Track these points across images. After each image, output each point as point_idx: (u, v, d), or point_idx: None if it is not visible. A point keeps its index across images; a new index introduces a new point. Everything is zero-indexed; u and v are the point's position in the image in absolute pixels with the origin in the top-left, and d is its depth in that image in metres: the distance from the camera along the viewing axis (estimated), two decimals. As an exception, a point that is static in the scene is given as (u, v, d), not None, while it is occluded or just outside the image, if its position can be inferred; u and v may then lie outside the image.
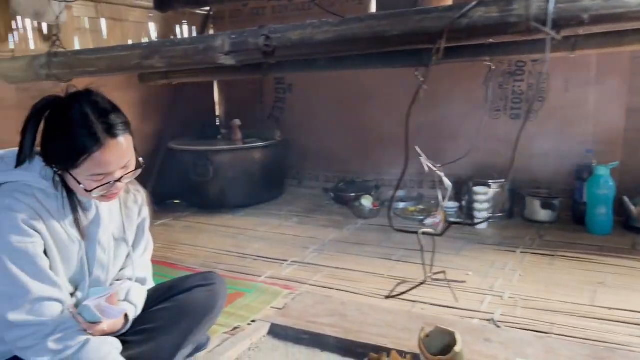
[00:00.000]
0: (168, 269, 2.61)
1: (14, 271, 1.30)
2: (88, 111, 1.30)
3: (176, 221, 3.57)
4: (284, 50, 1.61)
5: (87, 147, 1.29)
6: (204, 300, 1.64)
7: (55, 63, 2.20)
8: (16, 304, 1.31)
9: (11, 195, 1.33)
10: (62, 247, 1.40)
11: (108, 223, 1.50)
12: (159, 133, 3.94)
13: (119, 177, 1.36)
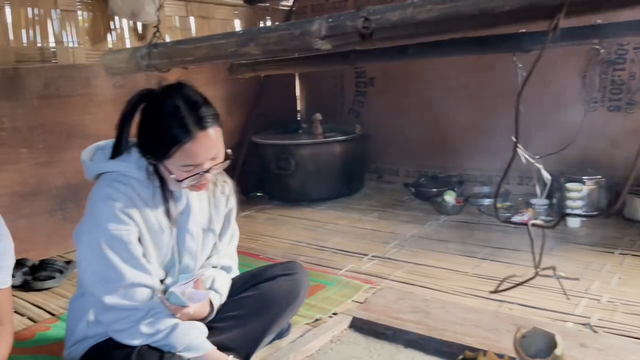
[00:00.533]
0: (251, 259, 2.67)
1: (109, 256, 1.37)
2: (180, 104, 1.34)
3: (259, 213, 3.65)
4: (383, 32, 1.54)
5: (179, 139, 1.33)
6: (287, 289, 1.66)
7: (155, 53, 2.29)
8: (111, 288, 1.38)
9: (110, 185, 1.40)
10: (154, 235, 1.46)
11: (197, 213, 1.55)
12: (243, 127, 4.04)
13: (207, 168, 1.39)
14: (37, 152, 2.79)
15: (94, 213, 1.39)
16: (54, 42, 2.94)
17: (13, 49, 2.77)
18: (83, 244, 1.41)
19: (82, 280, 1.48)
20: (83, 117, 2.95)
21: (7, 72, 2.67)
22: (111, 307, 1.38)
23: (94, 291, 1.40)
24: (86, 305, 1.50)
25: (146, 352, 1.38)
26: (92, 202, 1.41)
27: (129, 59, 2.42)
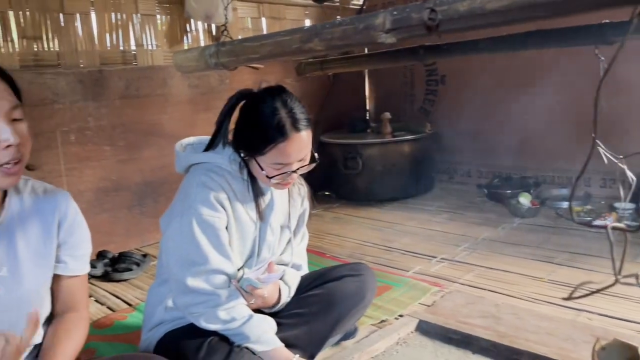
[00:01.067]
0: (317, 257, 2.69)
1: (199, 239, 1.43)
2: (279, 105, 1.42)
3: (326, 212, 3.67)
4: (450, 23, 1.48)
5: (275, 137, 1.40)
6: (353, 291, 1.65)
7: (223, 52, 2.35)
8: (195, 271, 1.44)
9: (206, 174, 1.48)
10: (240, 226, 1.52)
11: (279, 209, 1.60)
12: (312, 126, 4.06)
13: (295, 168, 1.46)
14: (119, 150, 2.94)
15: (189, 198, 1.46)
16: (134, 45, 3.09)
17: (98, 52, 2.94)
18: (173, 227, 1.47)
19: (164, 266, 1.54)
20: (160, 117, 3.08)
21: (93, 74, 2.83)
22: (192, 290, 1.44)
23: (177, 273, 1.46)
24: (164, 292, 1.56)
25: (217, 344, 1.43)
26: (187, 188, 1.48)
27: (199, 57, 2.50)
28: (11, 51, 2.63)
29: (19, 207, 1.21)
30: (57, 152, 2.71)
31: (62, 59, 2.80)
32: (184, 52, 2.70)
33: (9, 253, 1.17)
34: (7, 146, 1.05)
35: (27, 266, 1.20)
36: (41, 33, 2.73)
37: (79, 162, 2.79)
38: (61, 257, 1.27)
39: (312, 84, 3.98)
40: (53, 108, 2.67)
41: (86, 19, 2.89)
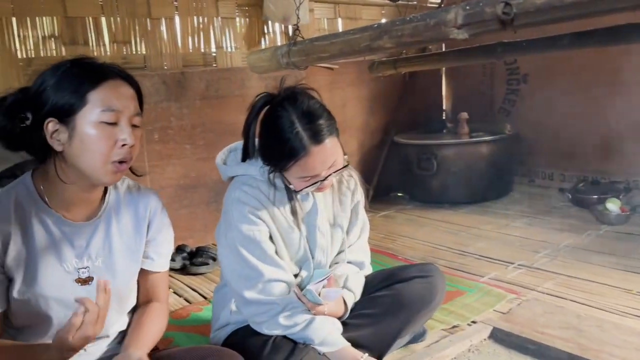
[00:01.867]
0: (388, 259, 2.66)
1: (245, 255, 1.45)
2: (294, 118, 1.35)
3: (398, 213, 3.62)
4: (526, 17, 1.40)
5: (294, 154, 1.36)
6: (422, 292, 1.61)
7: (294, 51, 2.38)
8: (250, 284, 1.46)
9: (240, 188, 1.48)
10: (284, 233, 1.51)
11: (323, 210, 1.57)
12: (385, 127, 4.04)
13: (325, 176, 1.41)
14: (198, 148, 3.06)
15: (228, 216, 1.48)
16: (214, 48, 3.20)
17: (181, 54, 3.07)
18: (222, 245, 1.52)
19: (224, 274, 1.59)
20: (238, 117, 3.13)
21: (176, 75, 2.97)
22: (251, 302, 1.47)
23: (234, 287, 1.50)
24: (228, 294, 1.60)
25: (281, 342, 1.44)
26: (226, 205, 1.51)
27: (271, 57, 2.54)
28: (103, 55, 2.81)
29: (116, 203, 1.29)
30: (142, 149, 2.86)
31: (148, 62, 2.96)
32: (258, 52, 2.77)
33: (104, 246, 1.25)
34: (123, 145, 1.13)
35: (119, 259, 1.27)
36: (130, 37, 2.90)
37: (161, 159, 2.93)
38: (149, 253, 1.34)
39: (386, 84, 3.94)
40: (139, 108, 2.82)
41: (170, 23, 3.03)
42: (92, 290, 1.21)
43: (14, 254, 1.14)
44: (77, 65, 1.15)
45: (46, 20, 2.65)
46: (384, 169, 3.94)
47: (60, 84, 1.12)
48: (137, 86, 1.22)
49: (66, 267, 1.20)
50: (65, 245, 1.20)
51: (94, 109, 1.11)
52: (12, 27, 2.57)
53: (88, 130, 1.11)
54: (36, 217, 1.18)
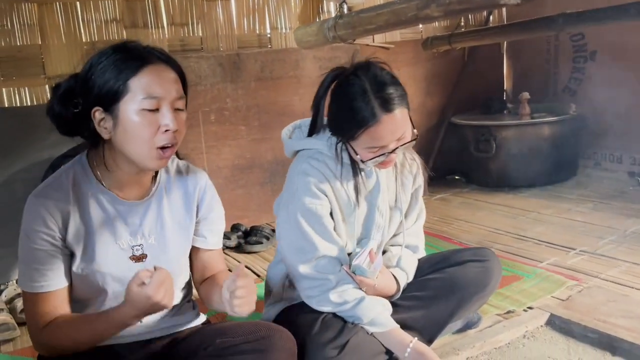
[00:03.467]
0: (442, 242, 2.61)
1: (305, 228, 1.46)
2: (366, 86, 1.35)
3: (454, 196, 3.54)
4: None
5: (364, 122, 1.34)
6: (476, 276, 1.57)
7: (340, 24, 2.35)
8: (305, 258, 1.47)
9: (306, 161, 1.48)
10: (345, 209, 1.51)
11: (385, 190, 1.55)
12: (442, 108, 3.94)
13: (392, 148, 1.39)
14: (253, 129, 3.10)
15: (292, 187, 1.49)
16: (269, 29, 3.21)
17: (236, 36, 3.11)
18: (282, 216, 1.53)
19: (280, 248, 1.61)
20: (292, 98, 3.18)
21: (232, 57, 3.00)
22: (304, 276, 1.48)
23: (289, 260, 1.51)
24: (282, 271, 1.62)
25: (330, 320, 1.45)
26: (290, 177, 1.51)
27: (317, 31, 2.52)
28: (161, 37, 2.88)
29: (166, 183, 1.32)
30: (199, 130, 2.93)
31: (204, 44, 3.01)
32: (304, 27, 2.75)
33: (156, 224, 1.29)
34: (166, 130, 1.15)
35: (171, 237, 1.31)
36: (187, 19, 2.95)
37: (217, 140, 2.99)
38: (201, 231, 1.37)
39: (444, 63, 3.83)
40: (196, 90, 2.88)
41: (227, 4, 3.06)
42: (146, 267, 1.26)
43: (73, 231, 1.19)
44: (119, 51, 1.16)
45: (108, 3, 2.74)
46: (440, 151, 3.86)
47: (104, 72, 1.14)
48: (180, 69, 1.22)
49: (121, 244, 1.24)
50: (120, 223, 1.24)
51: (135, 97, 1.12)
52: (77, 12, 2.67)
53: (131, 118, 1.13)
54: (92, 196, 1.22)
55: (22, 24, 2.56)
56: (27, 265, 1.18)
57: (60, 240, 1.18)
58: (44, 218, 1.16)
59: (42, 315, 1.18)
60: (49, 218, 1.16)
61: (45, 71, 2.61)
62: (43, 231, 1.16)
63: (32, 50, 2.59)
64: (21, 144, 2.51)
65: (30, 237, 1.16)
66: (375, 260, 1.45)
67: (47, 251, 1.17)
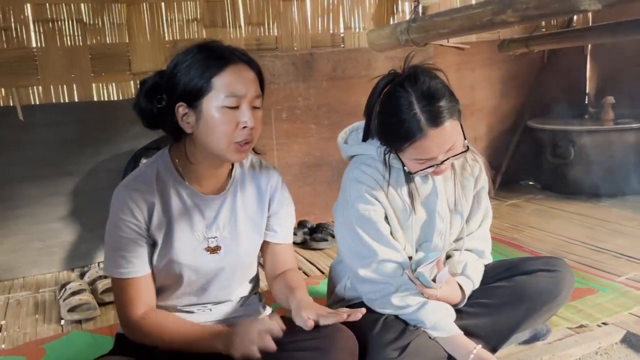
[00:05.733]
0: (512, 249, 2.53)
1: (361, 234, 1.47)
2: (413, 99, 1.32)
3: (527, 203, 3.41)
4: None
5: (410, 136, 1.32)
6: (546, 287, 1.51)
7: (413, 28, 2.34)
8: (365, 263, 1.48)
9: (358, 168, 1.48)
10: (400, 215, 1.50)
11: (444, 194, 1.53)
12: (517, 110, 3.80)
13: (441, 160, 1.36)
14: (323, 128, 3.13)
15: (346, 193, 1.50)
16: (342, 28, 3.24)
17: (310, 35, 3.15)
18: (339, 221, 1.55)
19: (340, 251, 1.62)
20: (363, 98, 3.10)
21: (305, 56, 3.05)
22: (365, 280, 1.48)
23: (349, 263, 1.53)
24: (344, 270, 1.64)
25: (392, 322, 1.44)
26: (344, 183, 1.53)
27: (390, 34, 2.51)
28: (238, 36, 2.97)
29: (241, 179, 1.38)
30: (271, 128, 3.00)
31: (279, 43, 3.08)
32: (377, 29, 2.75)
33: (230, 217, 1.35)
34: (244, 127, 1.20)
35: (244, 231, 1.36)
36: (263, 19, 3.03)
37: (287, 137, 3.05)
38: (272, 225, 1.42)
39: (521, 64, 3.70)
40: (270, 88, 2.94)
41: (302, 4, 3.11)
42: (220, 258, 1.33)
43: (156, 221, 1.27)
44: (204, 50, 1.22)
45: (190, 4, 2.86)
46: (514, 154, 3.73)
47: (189, 69, 1.20)
48: (258, 69, 1.27)
49: (197, 236, 1.31)
50: (197, 215, 1.31)
51: (218, 94, 1.18)
52: (161, 12, 2.81)
53: (213, 114, 1.19)
54: (173, 188, 1.29)
55: (112, 23, 2.73)
56: (114, 252, 1.27)
57: (145, 229, 1.26)
58: (131, 208, 1.24)
59: (128, 300, 1.26)
60: (135, 208, 1.24)
61: (131, 68, 2.77)
62: (130, 220, 1.24)
63: (120, 48, 2.75)
64: (106, 136, 2.69)
65: (118, 225, 1.25)
66: (441, 271, 1.43)
67: (133, 239, 1.25)
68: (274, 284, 1.44)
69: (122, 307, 1.28)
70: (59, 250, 2.62)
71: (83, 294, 2.13)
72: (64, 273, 2.59)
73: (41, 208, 2.59)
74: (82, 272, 2.52)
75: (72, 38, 2.66)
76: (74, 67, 2.67)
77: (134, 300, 1.26)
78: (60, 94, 2.66)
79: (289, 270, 1.44)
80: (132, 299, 1.26)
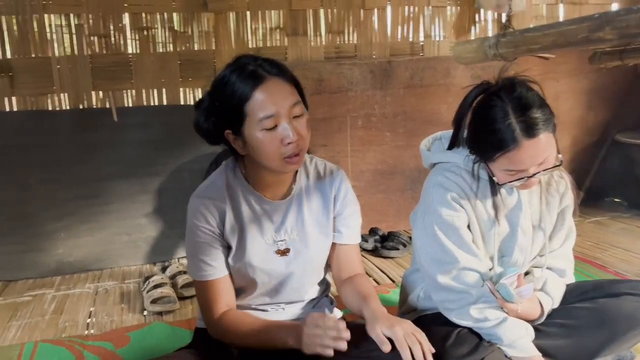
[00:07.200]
0: (594, 270, 2.41)
1: (442, 240, 1.44)
2: (509, 109, 1.29)
3: (612, 221, 3.23)
4: None
5: (503, 145, 1.30)
6: (632, 312, 1.43)
7: (502, 42, 2.28)
8: (444, 270, 1.45)
9: (442, 174, 1.47)
10: (482, 226, 1.47)
11: (528, 209, 1.49)
12: (605, 123, 3.61)
13: (532, 173, 1.33)
14: (398, 136, 3.13)
15: (428, 199, 1.49)
16: (422, 37, 3.22)
17: (389, 44, 3.17)
18: (418, 227, 1.53)
19: (417, 258, 1.61)
20: (440, 106, 3.16)
21: (383, 64, 3.06)
22: (443, 287, 1.46)
23: (427, 270, 1.50)
24: (418, 280, 1.63)
25: (465, 335, 1.41)
26: (427, 189, 1.51)
27: (477, 48, 2.47)
28: (318, 45, 3.04)
29: (305, 182, 1.42)
30: (346, 134, 3.04)
31: (358, 51, 3.12)
32: (464, 43, 2.72)
33: (297, 221, 1.39)
34: (288, 143, 1.23)
35: (311, 233, 1.40)
36: (344, 27, 3.08)
37: (362, 145, 3.07)
38: (337, 226, 1.45)
39: (610, 76, 3.51)
40: (347, 95, 2.99)
41: (382, 13, 3.13)
42: (290, 260, 1.37)
43: (229, 227, 1.33)
44: (233, 73, 1.23)
45: (274, 13, 2.96)
46: (599, 170, 3.54)
47: (224, 99, 1.24)
48: (291, 76, 1.27)
49: (266, 240, 1.36)
50: (266, 220, 1.36)
51: (253, 120, 1.22)
52: (247, 20, 2.93)
53: (255, 138, 1.23)
54: (243, 196, 1.35)
55: (200, 31, 2.88)
56: (193, 257, 1.34)
57: (219, 234, 1.33)
58: (204, 215, 1.31)
59: (210, 301, 1.33)
60: (208, 214, 1.31)
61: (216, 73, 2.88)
62: (204, 226, 1.31)
63: (206, 55, 2.89)
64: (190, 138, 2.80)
65: (194, 232, 1.32)
66: (522, 287, 1.39)
67: (209, 243, 1.32)
68: (342, 289, 1.45)
69: (205, 307, 1.35)
70: (143, 245, 2.78)
71: (164, 287, 2.25)
72: (146, 266, 2.75)
73: (130, 204, 2.76)
74: (163, 266, 2.67)
75: (164, 45, 2.84)
76: (164, 72, 2.84)
77: (215, 300, 1.33)
78: (151, 97, 2.84)
79: (357, 275, 1.45)
80: (213, 299, 1.33)
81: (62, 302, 2.34)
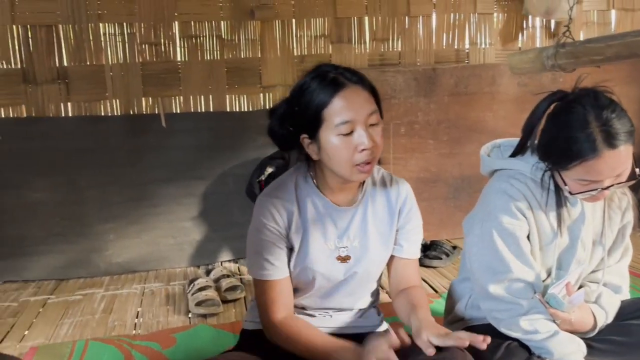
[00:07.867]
0: (649, 286, 2.32)
1: (500, 248, 1.41)
2: (591, 117, 1.26)
3: (667, 235, 3.11)
4: None
5: (582, 154, 1.26)
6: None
7: (561, 53, 2.22)
8: (497, 279, 1.42)
9: (507, 181, 1.43)
10: (543, 236, 1.43)
11: (591, 222, 1.45)
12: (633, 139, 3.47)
13: (607, 185, 1.29)
14: (441, 144, 3.10)
15: (489, 205, 1.45)
16: (468, 44, 3.19)
17: (434, 51, 3.15)
18: (474, 233, 1.49)
19: (468, 266, 1.58)
20: (485, 114, 3.11)
21: (427, 72, 3.04)
22: (494, 297, 1.43)
23: (479, 278, 1.47)
24: (466, 289, 1.60)
25: (515, 349, 1.39)
26: (488, 195, 1.48)
27: (535, 59, 2.41)
28: (362, 52, 3.05)
29: (371, 192, 1.42)
30: (389, 142, 3.02)
31: (402, 58, 3.11)
32: (520, 53, 2.66)
33: (361, 229, 1.39)
34: (362, 150, 1.24)
35: (373, 242, 1.40)
36: (388, 35, 3.08)
37: (405, 152, 3.06)
38: (399, 240, 1.44)
39: (666, 84, 3.39)
40: (390, 103, 2.98)
41: (427, 20, 3.12)
42: (349, 267, 1.38)
43: (294, 228, 1.35)
44: (314, 79, 1.26)
45: (319, 21, 2.99)
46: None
47: (302, 103, 1.26)
48: (370, 85, 1.29)
49: (329, 245, 1.36)
50: (330, 225, 1.37)
51: (330, 125, 1.23)
52: (292, 28, 2.97)
53: (330, 143, 1.24)
54: (309, 198, 1.36)
55: (247, 39, 2.93)
56: (256, 255, 1.35)
57: (285, 235, 1.34)
58: (272, 213, 1.33)
59: (270, 301, 1.34)
60: (276, 213, 1.33)
61: (262, 81, 2.95)
62: (271, 224, 1.33)
63: (252, 63, 2.95)
64: (236, 144, 2.88)
65: (260, 230, 1.34)
66: (573, 295, 1.36)
67: (274, 242, 1.34)
68: (396, 299, 1.45)
69: (264, 308, 1.36)
70: (188, 247, 2.85)
71: (209, 290, 2.30)
72: (191, 268, 2.81)
73: (176, 207, 2.83)
74: (207, 269, 2.72)
75: (211, 53, 2.91)
76: (211, 80, 2.90)
77: (274, 301, 1.34)
78: (198, 103, 2.91)
79: (412, 287, 1.44)
80: (273, 300, 1.34)
81: (111, 301, 2.41)
